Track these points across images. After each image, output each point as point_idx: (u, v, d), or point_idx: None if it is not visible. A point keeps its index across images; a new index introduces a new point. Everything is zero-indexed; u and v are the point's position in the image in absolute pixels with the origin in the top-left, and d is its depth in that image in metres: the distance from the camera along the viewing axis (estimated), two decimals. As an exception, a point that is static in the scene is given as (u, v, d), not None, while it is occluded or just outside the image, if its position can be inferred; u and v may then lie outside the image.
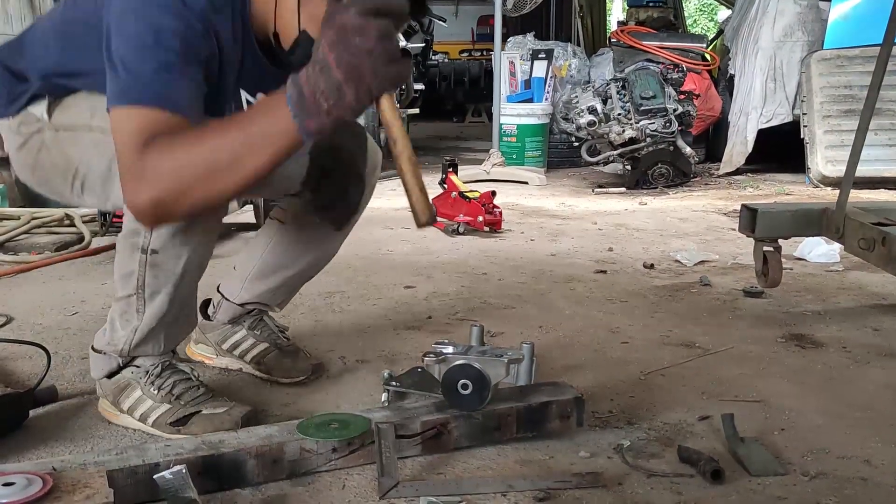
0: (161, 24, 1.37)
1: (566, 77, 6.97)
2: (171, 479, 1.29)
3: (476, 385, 1.58)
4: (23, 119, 1.67)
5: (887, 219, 2.35)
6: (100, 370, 1.71)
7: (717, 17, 18.23)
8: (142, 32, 1.37)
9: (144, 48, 1.37)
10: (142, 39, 1.37)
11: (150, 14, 1.38)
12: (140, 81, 1.36)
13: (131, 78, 1.36)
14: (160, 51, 1.36)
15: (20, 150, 1.70)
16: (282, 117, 1.25)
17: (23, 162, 1.72)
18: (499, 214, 3.89)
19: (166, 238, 1.55)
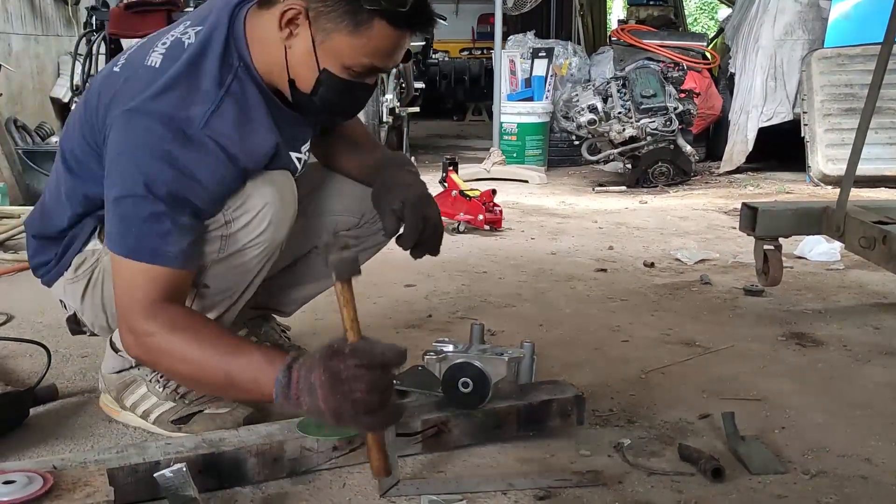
0: (151, 171, 1.40)
1: (566, 75, 6.97)
2: (172, 477, 1.29)
3: (476, 383, 1.58)
4: (78, 263, 1.67)
5: (888, 217, 2.35)
6: (110, 367, 1.72)
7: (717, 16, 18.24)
8: (132, 180, 1.41)
9: (134, 197, 1.41)
10: (131, 188, 1.41)
11: (140, 160, 1.41)
12: (131, 233, 1.42)
13: (123, 227, 1.43)
14: (149, 202, 1.40)
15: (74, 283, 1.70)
16: (265, 389, 1.32)
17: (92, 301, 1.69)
18: (499, 213, 3.89)
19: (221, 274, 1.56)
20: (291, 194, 1.60)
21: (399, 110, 5.85)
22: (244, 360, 1.35)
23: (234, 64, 1.50)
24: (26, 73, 6.27)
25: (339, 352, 1.27)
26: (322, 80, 1.50)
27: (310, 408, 1.27)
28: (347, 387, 1.24)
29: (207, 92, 1.46)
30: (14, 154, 4.31)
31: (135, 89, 1.46)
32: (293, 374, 1.29)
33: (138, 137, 1.42)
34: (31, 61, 6.35)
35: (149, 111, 1.43)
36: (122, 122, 1.44)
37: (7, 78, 5.77)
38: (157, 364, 1.50)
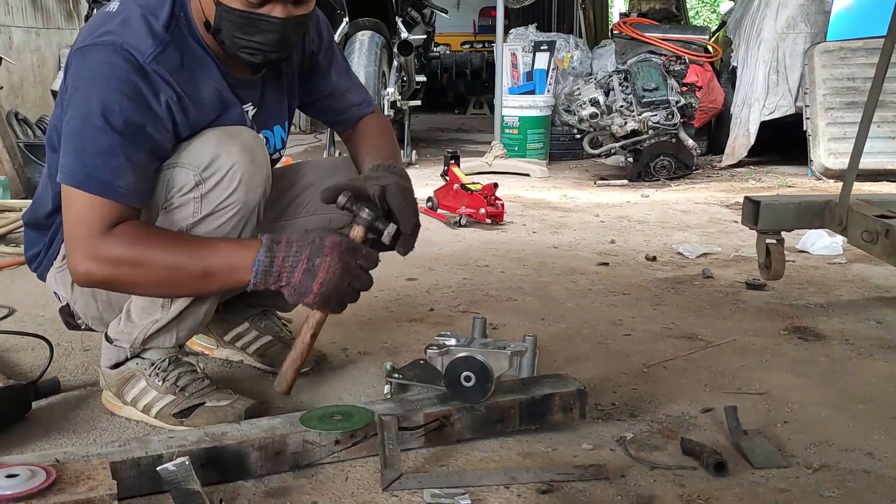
0: (107, 101, 1.43)
1: (568, 69, 6.95)
2: (175, 470, 1.29)
3: (479, 377, 1.58)
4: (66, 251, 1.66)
5: (890, 211, 2.35)
6: (107, 360, 1.72)
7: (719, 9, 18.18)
8: (89, 112, 1.44)
9: (90, 129, 1.44)
10: (88, 119, 1.44)
11: (96, 91, 1.44)
12: (86, 166, 1.44)
13: (78, 161, 1.45)
14: (105, 133, 1.43)
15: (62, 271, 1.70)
16: (242, 274, 1.45)
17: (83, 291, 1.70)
18: (501, 206, 3.89)
19: None
20: (262, 154, 1.59)
21: (400, 104, 5.83)
22: (217, 249, 1.46)
23: (180, 16, 1.54)
24: (27, 66, 6.26)
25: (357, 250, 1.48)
26: (219, 14, 1.50)
27: (297, 287, 1.42)
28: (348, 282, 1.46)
29: (155, 34, 1.50)
30: (15, 147, 4.30)
31: (92, 29, 1.51)
32: (279, 252, 1.44)
33: (94, 69, 1.45)
34: (32, 54, 6.34)
35: (103, 43, 1.46)
36: (78, 57, 1.49)
37: (8, 71, 5.76)
38: (126, 280, 1.48)
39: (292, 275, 1.45)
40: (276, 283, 1.46)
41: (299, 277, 1.45)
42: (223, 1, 1.48)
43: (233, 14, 1.48)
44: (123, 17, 1.50)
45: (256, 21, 1.49)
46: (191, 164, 1.53)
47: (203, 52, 1.57)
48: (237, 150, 1.53)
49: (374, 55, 5.26)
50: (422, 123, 8.91)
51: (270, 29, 1.51)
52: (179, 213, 1.54)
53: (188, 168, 1.53)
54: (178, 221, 1.54)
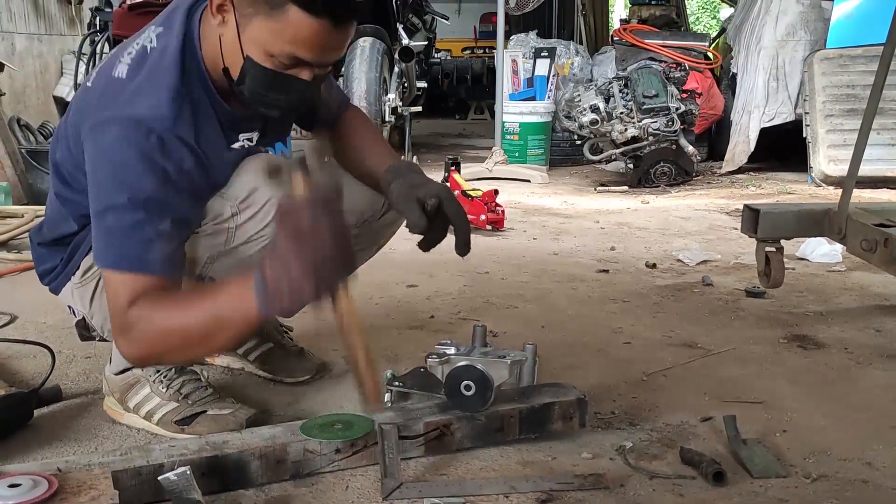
0: (128, 179, 1.42)
1: (569, 75, 6.97)
2: (176, 480, 1.29)
3: (479, 386, 1.58)
4: (87, 266, 1.66)
5: (889, 220, 2.35)
6: (116, 366, 1.73)
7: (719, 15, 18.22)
8: (111, 192, 1.43)
9: (114, 209, 1.43)
10: (111, 200, 1.43)
11: (116, 170, 1.42)
12: (114, 245, 1.43)
13: (106, 240, 1.45)
14: (129, 211, 1.42)
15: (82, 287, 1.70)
16: (249, 306, 1.34)
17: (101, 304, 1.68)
18: (501, 213, 3.89)
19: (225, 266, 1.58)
20: None
21: (401, 109, 5.85)
22: (222, 295, 1.39)
23: (190, 65, 1.51)
24: (29, 72, 6.27)
25: (290, 207, 1.32)
26: (246, 69, 1.47)
27: (289, 286, 1.29)
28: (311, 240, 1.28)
29: (171, 93, 1.47)
30: (17, 153, 4.31)
31: (104, 102, 1.48)
32: (266, 270, 1.31)
33: (112, 146, 1.43)
34: (34, 60, 6.35)
35: (119, 119, 1.44)
36: (94, 134, 1.46)
37: (10, 77, 5.77)
38: (154, 351, 1.46)
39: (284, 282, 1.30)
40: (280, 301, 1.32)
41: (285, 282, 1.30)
42: (253, 56, 1.46)
43: (261, 70, 1.46)
44: (136, 84, 1.47)
45: (283, 81, 1.48)
46: (228, 195, 1.55)
47: (208, 99, 1.54)
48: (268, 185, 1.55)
49: (375, 61, 5.27)
50: (423, 129, 8.92)
51: (296, 89, 1.51)
52: (212, 239, 1.55)
53: (226, 199, 1.55)
54: (210, 248, 1.56)
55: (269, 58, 1.45)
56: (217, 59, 1.51)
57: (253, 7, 1.42)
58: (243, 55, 1.46)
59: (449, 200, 1.58)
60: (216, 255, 1.57)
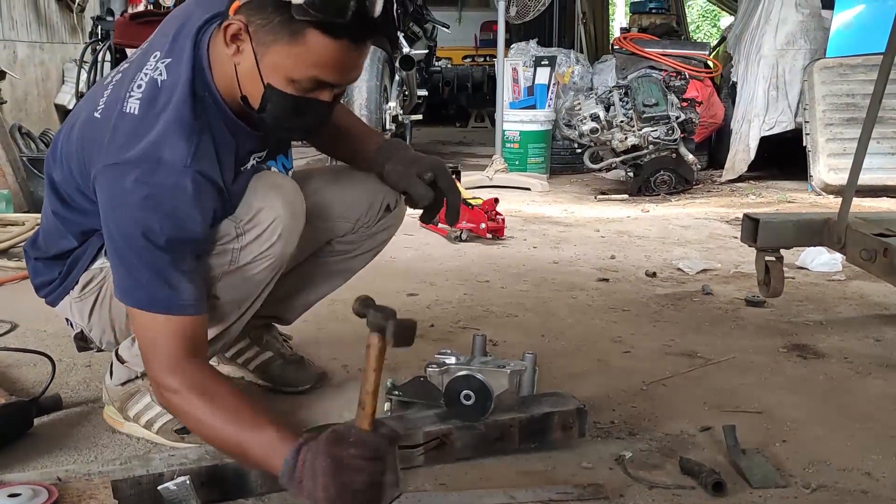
0: (146, 223, 1.40)
1: (569, 84, 6.98)
2: (176, 489, 1.30)
3: (478, 396, 1.59)
4: (85, 281, 1.67)
5: (889, 229, 2.35)
6: (118, 378, 1.73)
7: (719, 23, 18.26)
8: (130, 234, 1.41)
9: (135, 250, 1.41)
10: (131, 242, 1.42)
11: (133, 214, 1.40)
12: (144, 287, 1.42)
13: (135, 282, 1.43)
14: (151, 253, 1.41)
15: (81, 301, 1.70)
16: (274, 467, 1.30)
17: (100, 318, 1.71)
18: (501, 221, 3.90)
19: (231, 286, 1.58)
20: (301, 206, 1.62)
21: (402, 117, 5.86)
22: (258, 436, 1.34)
23: (203, 95, 1.49)
24: (31, 80, 6.29)
25: (343, 440, 1.27)
26: (267, 96, 1.46)
27: (309, 493, 1.26)
28: (348, 477, 1.24)
29: (186, 131, 1.45)
30: (18, 161, 4.32)
31: (118, 141, 1.45)
32: (300, 456, 1.28)
33: (128, 190, 1.41)
34: (35, 68, 6.37)
35: (136, 161, 1.41)
36: (109, 176, 1.44)
37: (12, 85, 5.79)
38: (177, 417, 1.53)
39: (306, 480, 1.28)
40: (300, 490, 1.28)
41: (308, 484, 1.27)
42: (274, 83, 1.44)
43: (284, 98, 1.45)
44: (150, 122, 1.45)
45: (305, 104, 1.48)
46: (234, 216, 1.54)
47: (225, 125, 1.53)
48: (280, 204, 1.55)
49: (375, 69, 5.29)
50: (423, 137, 8.94)
51: (317, 111, 1.51)
52: (217, 259, 1.55)
53: (231, 219, 1.54)
54: (214, 267, 1.55)
55: (291, 83, 1.44)
56: (232, 86, 1.49)
57: (272, 35, 1.40)
58: (263, 83, 1.45)
59: (442, 173, 1.70)
60: (220, 274, 1.56)
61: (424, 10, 6.62)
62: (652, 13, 8.57)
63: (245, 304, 1.63)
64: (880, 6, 5.39)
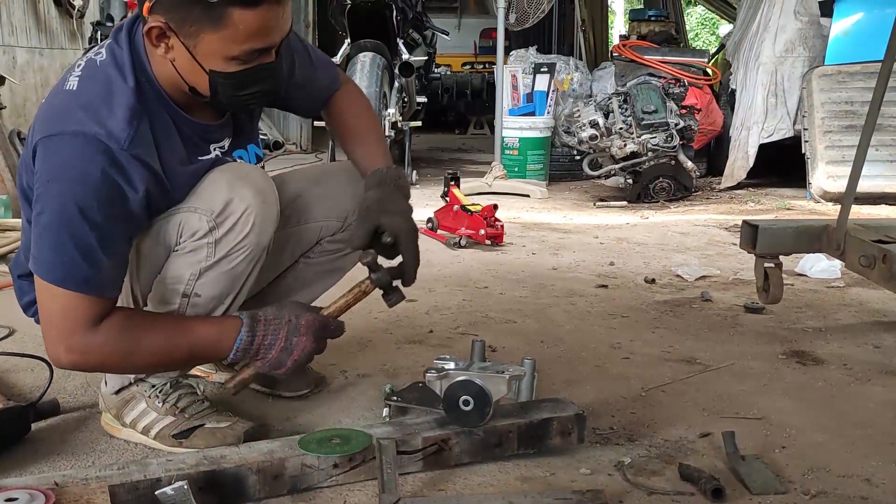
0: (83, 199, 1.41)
1: (568, 91, 6.99)
2: (173, 494, 1.29)
3: (477, 401, 1.58)
4: None
5: (888, 236, 2.36)
6: (112, 387, 1.72)
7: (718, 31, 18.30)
8: (64, 209, 1.41)
9: (67, 227, 1.41)
10: (63, 217, 1.41)
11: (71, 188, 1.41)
12: (65, 263, 1.43)
13: (57, 258, 1.43)
14: (83, 231, 1.41)
15: None
16: (223, 352, 1.54)
17: None
18: (500, 227, 3.90)
19: (212, 281, 1.59)
20: (272, 193, 1.61)
21: (401, 124, 5.86)
22: (199, 331, 1.54)
23: (143, 82, 1.51)
24: (30, 85, 6.30)
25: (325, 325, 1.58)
26: (214, 81, 1.49)
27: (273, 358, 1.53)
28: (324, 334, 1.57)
29: (127, 111, 1.45)
30: (17, 166, 4.32)
31: (54, 114, 1.47)
32: (258, 330, 1.52)
33: (67, 163, 1.42)
34: (35, 74, 6.37)
35: (74, 133, 1.42)
36: (48, 147, 1.44)
37: (11, 90, 5.79)
38: (114, 367, 1.60)
39: (269, 352, 1.54)
40: (253, 358, 1.55)
41: (276, 355, 1.54)
42: (215, 68, 1.46)
43: (231, 77, 1.48)
44: (89, 96, 1.46)
45: (252, 74, 1.50)
46: (204, 210, 1.54)
47: (168, 115, 1.54)
48: (250, 193, 1.55)
49: (375, 76, 5.29)
50: (423, 143, 8.94)
51: (267, 76, 1.53)
52: (193, 256, 1.56)
53: (201, 213, 1.54)
54: (191, 265, 1.56)
55: (232, 61, 1.46)
56: (174, 80, 1.52)
57: (196, 25, 1.42)
58: (206, 71, 1.47)
59: (407, 240, 1.62)
60: (200, 270, 1.57)
61: (424, 17, 6.63)
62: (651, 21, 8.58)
63: (227, 298, 1.63)
64: (879, 14, 5.41)
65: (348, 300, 1.63)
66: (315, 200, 1.83)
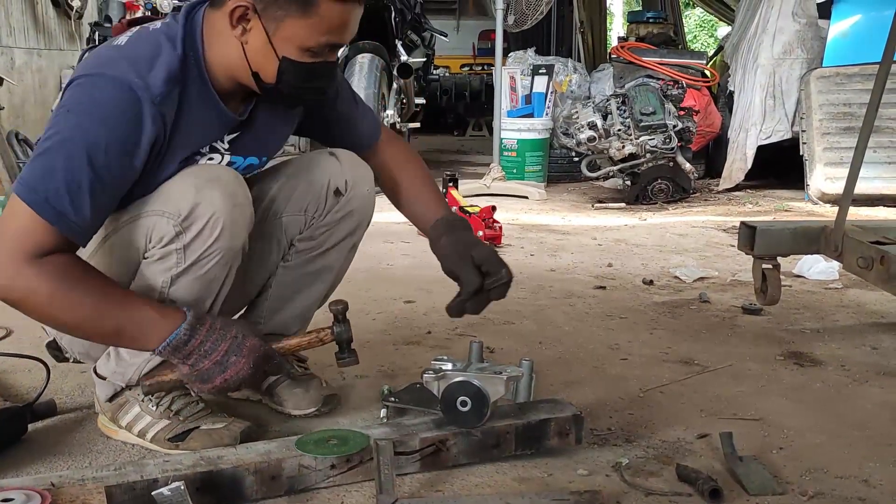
0: (97, 139, 1.41)
1: (566, 92, 6.99)
2: (170, 495, 1.29)
3: (475, 402, 1.58)
4: None
5: (885, 237, 2.36)
6: (104, 395, 1.71)
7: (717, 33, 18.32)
8: (73, 140, 1.41)
9: (67, 157, 1.40)
10: (69, 147, 1.41)
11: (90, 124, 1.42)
12: (48, 190, 1.40)
13: (41, 182, 1.40)
14: (81, 168, 1.40)
15: None
16: (151, 342, 1.47)
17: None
18: (499, 229, 3.90)
19: (186, 288, 1.57)
20: (244, 195, 1.58)
21: (400, 126, 5.86)
22: (136, 312, 1.46)
23: (189, 55, 1.53)
24: (28, 86, 6.30)
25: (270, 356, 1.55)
26: (284, 69, 1.53)
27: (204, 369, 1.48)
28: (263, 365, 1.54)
29: (165, 73, 1.48)
30: (15, 167, 4.32)
31: (98, 61, 1.49)
32: (197, 335, 1.47)
33: (96, 100, 1.43)
34: (33, 75, 6.37)
35: (112, 77, 1.44)
36: (81, 84, 1.46)
37: (9, 91, 5.79)
38: (35, 311, 1.44)
39: (202, 361, 1.49)
40: (183, 360, 1.49)
41: (208, 366, 1.49)
42: (288, 55, 1.51)
43: (300, 66, 1.53)
44: (136, 52, 1.49)
45: (318, 68, 1.56)
46: (170, 213, 1.51)
47: (201, 94, 1.55)
48: (218, 196, 1.52)
49: (373, 78, 5.29)
50: (421, 145, 8.94)
51: (328, 73, 1.60)
52: (163, 264, 1.54)
53: (168, 217, 1.52)
54: (163, 273, 1.54)
55: (305, 52, 1.52)
56: (228, 64, 1.54)
57: (283, 10, 1.47)
58: (278, 57, 1.51)
59: (499, 261, 1.66)
60: (171, 278, 1.55)
61: (423, 19, 6.63)
62: (649, 23, 8.57)
63: (205, 302, 1.60)
64: (877, 16, 5.41)
65: (301, 342, 1.63)
66: (276, 197, 1.78)
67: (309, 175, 1.77)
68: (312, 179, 1.76)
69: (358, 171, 1.80)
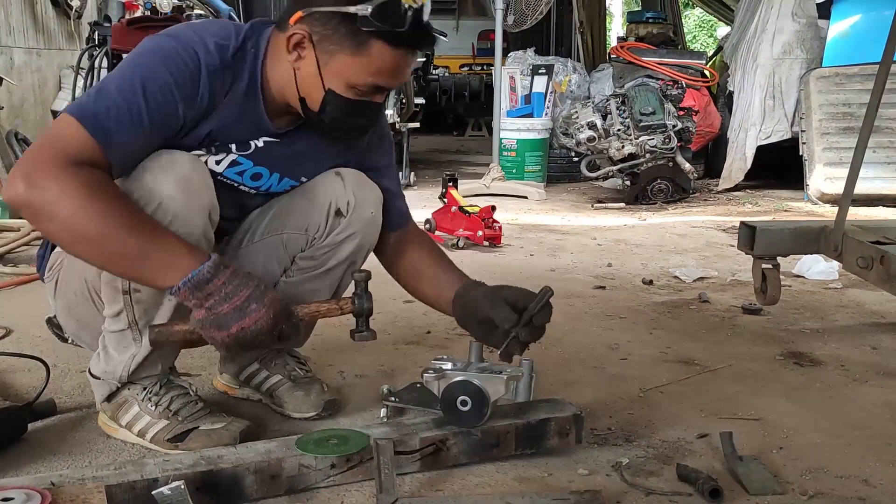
0: (155, 73, 1.48)
1: (566, 92, 7.00)
2: (170, 494, 1.29)
3: (475, 402, 1.58)
4: (53, 261, 1.70)
5: (885, 237, 2.36)
6: (100, 395, 1.72)
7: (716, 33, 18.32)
8: (133, 71, 1.49)
9: (121, 82, 1.48)
10: (125, 75, 1.49)
11: (150, 61, 1.50)
12: (97, 106, 1.44)
13: (92, 101, 1.46)
14: (133, 93, 1.46)
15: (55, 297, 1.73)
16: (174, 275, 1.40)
17: (60, 305, 1.74)
18: (498, 229, 3.90)
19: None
20: (200, 181, 1.55)
21: (399, 126, 5.86)
22: (166, 239, 1.43)
23: (251, 51, 1.59)
24: (28, 86, 6.29)
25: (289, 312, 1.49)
26: (328, 100, 1.57)
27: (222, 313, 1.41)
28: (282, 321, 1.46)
29: (226, 54, 1.55)
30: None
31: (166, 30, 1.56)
32: (220, 276, 1.41)
33: (161, 47, 1.51)
34: (32, 75, 6.37)
35: (177, 36, 1.53)
36: (151, 38, 1.55)
37: (9, 91, 5.79)
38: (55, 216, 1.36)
39: (221, 304, 1.41)
40: (202, 301, 1.40)
41: (227, 310, 1.41)
42: (334, 88, 1.55)
43: (343, 101, 1.57)
44: (206, 28, 1.58)
45: (362, 107, 1.60)
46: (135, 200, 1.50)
47: (256, 95, 1.60)
48: (170, 184, 1.49)
49: (373, 78, 5.28)
50: (421, 145, 8.94)
51: (371, 113, 1.64)
52: None
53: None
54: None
55: (351, 88, 1.56)
56: (281, 83, 1.60)
57: (336, 45, 1.52)
58: (324, 88, 1.56)
59: (529, 295, 1.65)
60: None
61: (422, 19, 6.63)
62: (649, 23, 8.58)
63: None
64: (876, 16, 5.42)
65: (321, 309, 1.60)
66: (280, 213, 1.77)
67: (311, 194, 1.75)
68: (314, 199, 1.74)
69: (362, 192, 1.75)
